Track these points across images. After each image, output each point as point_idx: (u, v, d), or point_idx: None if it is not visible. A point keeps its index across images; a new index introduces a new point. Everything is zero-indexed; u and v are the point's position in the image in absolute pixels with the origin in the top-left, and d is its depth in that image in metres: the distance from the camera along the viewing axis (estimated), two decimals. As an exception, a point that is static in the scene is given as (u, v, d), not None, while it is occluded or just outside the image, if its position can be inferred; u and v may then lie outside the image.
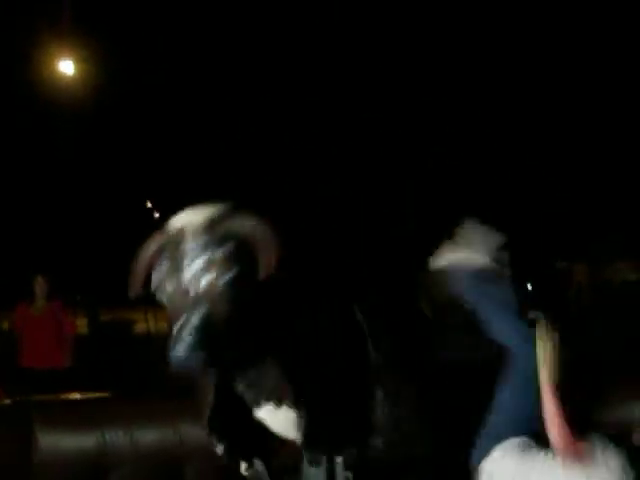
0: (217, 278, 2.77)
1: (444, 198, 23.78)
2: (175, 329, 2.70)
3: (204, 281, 2.75)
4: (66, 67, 20.12)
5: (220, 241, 2.79)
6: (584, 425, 4.12)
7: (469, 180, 24.24)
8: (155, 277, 2.85)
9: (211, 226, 2.81)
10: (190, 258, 2.78)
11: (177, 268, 2.78)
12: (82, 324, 22.40)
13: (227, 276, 2.76)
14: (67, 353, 8.01)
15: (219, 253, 2.77)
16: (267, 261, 2.77)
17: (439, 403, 4.20)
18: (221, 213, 2.85)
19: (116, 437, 4.80)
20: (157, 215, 41.08)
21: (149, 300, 3.01)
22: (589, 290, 21.79)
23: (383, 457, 3.66)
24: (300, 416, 3.13)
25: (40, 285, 7.96)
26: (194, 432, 4.19)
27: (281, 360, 3.06)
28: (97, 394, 5.42)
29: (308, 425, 3.16)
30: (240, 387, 3.09)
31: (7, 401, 5.48)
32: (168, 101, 25.20)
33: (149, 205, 39.14)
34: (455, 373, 4.60)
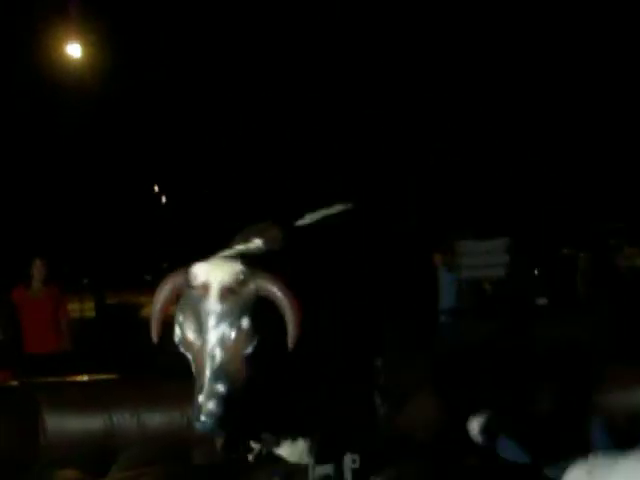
0: (244, 346, 2.74)
1: (447, 193, 23.83)
2: (201, 398, 2.67)
3: (231, 348, 2.72)
4: (73, 50, 20.10)
5: (246, 306, 2.75)
6: (589, 409, 4.15)
7: (472, 173, 24.24)
8: (178, 331, 2.81)
9: (236, 288, 2.75)
10: (215, 320, 2.74)
11: (202, 328, 2.75)
12: (89, 307, 22.47)
13: (253, 344, 2.74)
14: (66, 337, 8.00)
15: (245, 320, 2.74)
16: (294, 329, 2.74)
17: (441, 391, 4.22)
18: (245, 272, 2.78)
19: (123, 419, 4.82)
20: (164, 199, 41.08)
21: (156, 284, 3.00)
22: (595, 276, 21.84)
23: (388, 443, 3.68)
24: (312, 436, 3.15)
25: (38, 268, 7.94)
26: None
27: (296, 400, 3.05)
28: (104, 376, 5.44)
29: (317, 435, 3.17)
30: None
31: (14, 383, 5.50)
32: (175, 86, 25.17)
33: (156, 189, 39.13)
34: (458, 362, 4.62)
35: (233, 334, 2.75)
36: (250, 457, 3.23)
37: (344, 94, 23.45)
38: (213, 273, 2.81)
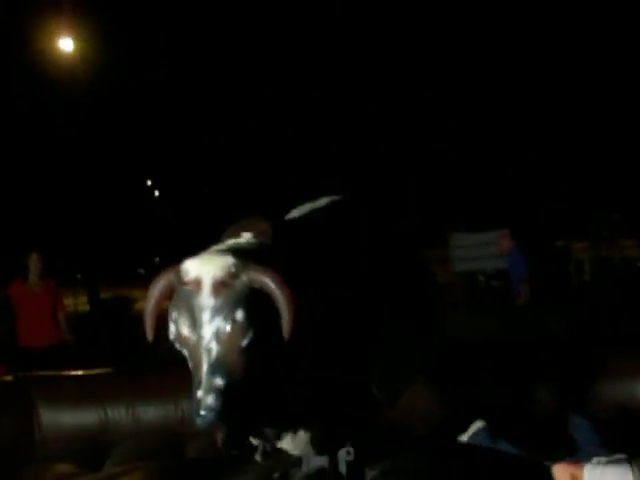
0: (239, 339, 2.74)
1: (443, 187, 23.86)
2: (199, 393, 2.68)
3: (226, 342, 2.73)
4: (65, 44, 20.06)
5: (239, 299, 2.75)
6: (585, 399, 4.15)
7: (465, 166, 24.30)
8: (173, 328, 2.81)
9: (229, 281, 2.76)
10: (210, 314, 2.75)
11: (196, 323, 2.75)
12: (83, 302, 22.46)
13: (248, 337, 2.74)
14: (64, 330, 8.04)
15: (240, 313, 2.74)
16: (289, 319, 2.74)
17: (438, 383, 4.21)
18: (237, 265, 2.78)
19: (118, 413, 4.81)
20: (157, 193, 41.07)
21: (149, 278, 2.99)
22: (590, 267, 21.81)
23: (383, 435, 3.68)
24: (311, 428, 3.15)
25: (34, 262, 7.97)
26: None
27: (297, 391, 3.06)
28: (98, 370, 5.42)
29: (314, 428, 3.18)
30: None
31: (8, 377, 5.49)
32: (168, 80, 25.13)
33: (149, 183, 39.11)
34: (454, 354, 4.62)
35: (228, 327, 2.74)
36: (258, 457, 3.23)
37: (344, 95, 23.48)
38: (204, 268, 2.81)
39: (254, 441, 3.20)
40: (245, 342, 2.76)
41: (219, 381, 2.70)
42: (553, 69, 23.75)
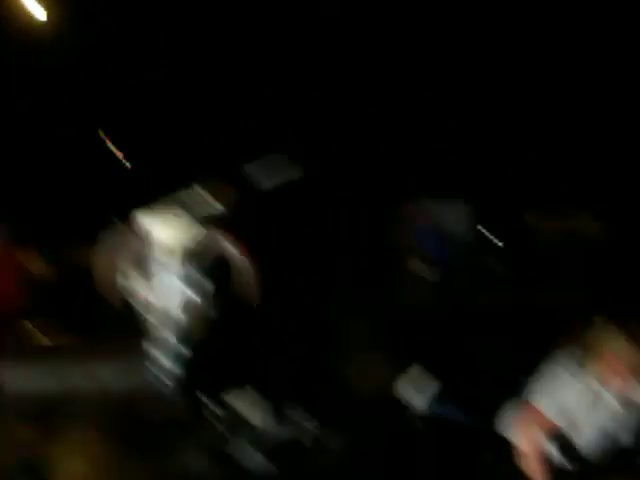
0: (207, 308, 2.74)
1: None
2: (163, 359, 2.67)
3: (194, 310, 2.72)
4: (37, 11, 19.75)
5: (209, 269, 2.76)
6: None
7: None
8: (127, 284, 2.80)
9: (199, 252, 2.76)
10: (167, 273, 2.74)
11: (165, 292, 2.74)
12: (44, 267, 22.35)
13: (216, 306, 2.74)
14: (26, 296, 8.01)
15: (208, 283, 2.74)
16: (254, 288, 2.74)
17: (393, 350, 4.26)
18: (208, 236, 2.78)
19: (78, 378, 4.82)
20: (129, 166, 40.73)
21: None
22: (555, 241, 21.96)
23: (342, 403, 3.72)
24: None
25: (-1, 229, 7.93)
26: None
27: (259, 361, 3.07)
28: (59, 335, 5.43)
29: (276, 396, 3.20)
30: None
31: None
32: (145, 53, 24.88)
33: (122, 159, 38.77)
34: (410, 321, 4.67)
35: (196, 297, 2.76)
36: (211, 418, 3.26)
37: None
38: (175, 238, 2.81)
39: (219, 410, 3.23)
40: (212, 311, 2.77)
41: (183, 349, 2.72)
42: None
